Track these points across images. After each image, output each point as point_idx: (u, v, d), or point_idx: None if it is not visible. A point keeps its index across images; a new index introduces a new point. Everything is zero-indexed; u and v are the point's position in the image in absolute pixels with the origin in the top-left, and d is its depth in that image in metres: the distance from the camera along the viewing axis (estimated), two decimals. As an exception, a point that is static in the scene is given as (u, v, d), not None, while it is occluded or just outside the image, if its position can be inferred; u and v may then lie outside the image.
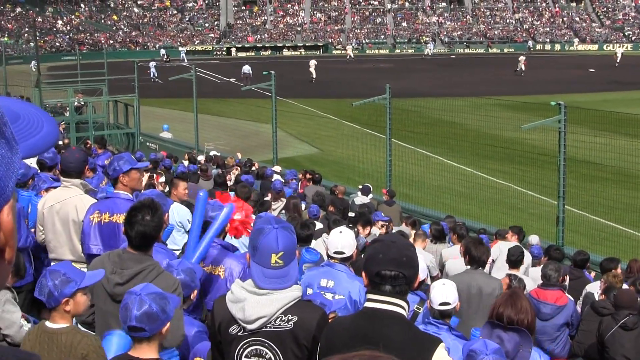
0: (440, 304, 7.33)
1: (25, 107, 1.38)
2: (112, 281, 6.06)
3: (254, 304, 4.62)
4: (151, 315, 4.78)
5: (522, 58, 76.11)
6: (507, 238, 15.08)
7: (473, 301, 9.25)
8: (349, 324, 4.39)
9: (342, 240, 7.59)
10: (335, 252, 7.57)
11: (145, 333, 4.82)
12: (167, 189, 16.05)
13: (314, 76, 68.14)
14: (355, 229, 12.04)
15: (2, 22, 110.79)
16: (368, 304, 4.30)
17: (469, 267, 9.75)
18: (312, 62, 70.58)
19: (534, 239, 16.69)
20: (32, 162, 11.65)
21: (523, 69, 73.73)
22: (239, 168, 23.73)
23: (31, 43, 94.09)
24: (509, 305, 6.39)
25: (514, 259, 11.56)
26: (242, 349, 4.70)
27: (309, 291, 7.32)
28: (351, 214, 14.23)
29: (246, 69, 66.13)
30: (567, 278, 12.46)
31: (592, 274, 14.47)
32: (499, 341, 6.25)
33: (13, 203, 1.22)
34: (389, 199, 20.64)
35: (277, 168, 24.25)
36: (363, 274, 4.37)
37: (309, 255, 8.15)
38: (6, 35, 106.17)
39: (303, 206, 16.34)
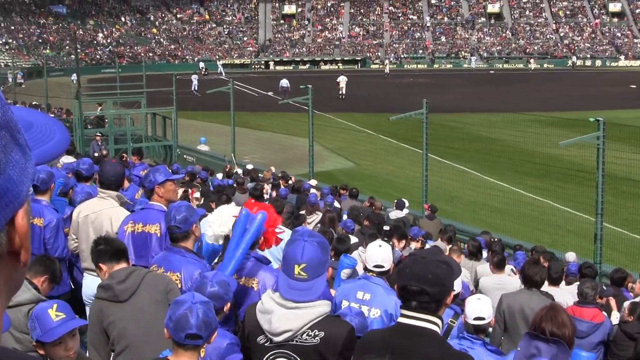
0: (475, 319, 7.28)
1: (38, 116, 1.42)
2: (113, 284, 6.28)
3: (280, 317, 4.61)
4: (208, 323, 4.79)
5: None
6: None
7: (526, 321, 9.18)
8: (381, 339, 4.34)
9: (381, 253, 7.56)
10: (375, 266, 7.53)
11: (200, 341, 4.82)
12: (202, 202, 16.11)
13: (344, 92, 67.26)
14: (391, 243, 11.99)
15: (44, 35, 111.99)
16: (401, 319, 4.25)
17: (522, 286, 9.73)
18: (343, 78, 69.39)
19: (571, 256, 16.56)
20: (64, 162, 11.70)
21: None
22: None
23: (72, 55, 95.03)
24: (549, 318, 6.33)
25: (556, 276, 11.46)
26: (268, 360, 4.69)
27: (345, 303, 7.29)
28: (386, 228, 14.17)
29: (284, 82, 66.13)
30: (614, 301, 12.26)
31: (631, 293, 14.30)
32: (537, 351, 6.18)
33: (27, 207, 1.25)
34: (430, 214, 20.68)
35: (314, 182, 24.24)
36: (395, 287, 4.34)
37: (348, 260, 8.14)
38: (48, 47, 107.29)
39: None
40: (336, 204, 19.75)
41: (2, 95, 1.23)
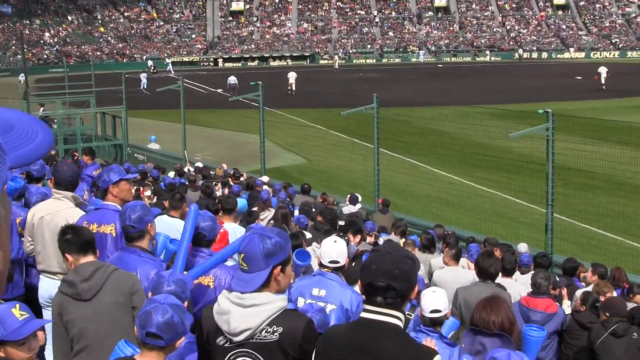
0: (431, 312, 7.31)
1: (20, 117, 1.39)
2: (76, 282, 6.18)
3: (238, 316, 4.59)
4: (171, 326, 4.78)
5: (603, 69, 68.10)
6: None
7: None
8: (345, 334, 4.34)
9: (336, 249, 7.56)
10: (330, 262, 7.53)
11: (161, 342, 4.80)
12: (154, 200, 16.02)
13: (294, 88, 67.21)
14: (346, 237, 12.01)
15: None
16: (364, 314, 4.25)
17: (478, 279, 9.79)
18: (292, 74, 69.30)
19: (522, 246, 16.68)
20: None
21: (603, 82, 66.75)
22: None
23: (19, 55, 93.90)
24: (486, 309, 6.38)
25: (509, 267, 11.56)
26: (229, 361, 4.68)
27: (300, 300, 7.28)
28: (341, 223, 14.19)
29: (232, 79, 65.76)
30: (565, 290, 12.41)
31: (583, 283, 14.45)
32: (481, 347, 6.23)
33: (2, 214, 1.20)
34: (383, 207, 20.76)
35: (265, 178, 24.20)
36: (359, 283, 4.33)
37: (300, 260, 8.14)
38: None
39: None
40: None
41: None
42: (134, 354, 5.02)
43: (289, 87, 66.77)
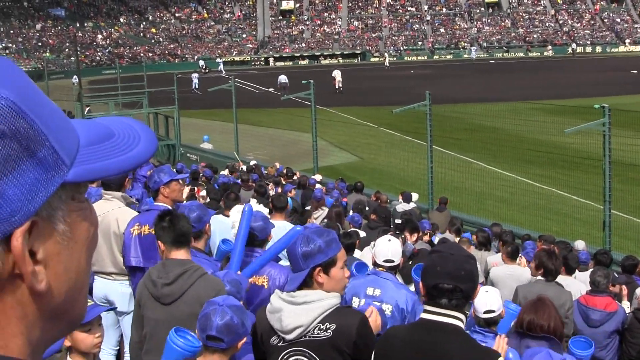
0: (485, 312, 7.20)
1: (125, 124, 1.34)
2: (158, 283, 6.13)
3: (290, 313, 4.60)
4: (231, 327, 4.77)
5: None
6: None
7: None
8: (405, 335, 4.28)
9: (391, 248, 7.50)
10: (385, 261, 7.46)
11: (222, 344, 4.80)
12: (207, 200, 16.03)
13: (341, 86, 66.58)
14: (403, 236, 11.92)
15: (44, 38, 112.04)
16: (425, 315, 4.18)
17: (541, 278, 9.66)
18: (337, 72, 68.52)
19: (580, 244, 16.47)
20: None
21: None
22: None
23: (72, 58, 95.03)
24: (532, 311, 6.27)
25: (573, 266, 11.41)
26: (283, 360, 4.64)
27: (355, 300, 7.22)
28: (398, 221, 14.10)
29: (282, 78, 65.83)
30: (625, 288, 12.17)
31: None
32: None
33: (39, 227, 1.15)
34: (440, 205, 20.69)
35: (318, 177, 24.16)
36: (420, 285, 4.26)
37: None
38: (48, 50, 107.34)
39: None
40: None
41: (34, 103, 1.13)
42: (192, 347, 5.01)
43: (336, 86, 66.34)
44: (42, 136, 1.14)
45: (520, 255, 12.99)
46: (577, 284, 11.18)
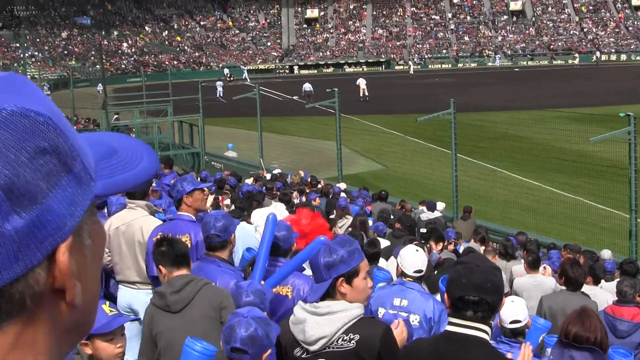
0: (512, 322, 7.17)
1: (125, 142, 1.36)
2: (166, 294, 6.19)
3: (313, 324, 4.58)
4: (256, 339, 4.75)
5: None
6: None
7: None
8: (430, 348, 4.25)
9: (420, 258, 7.49)
10: (415, 271, 7.44)
11: (247, 357, 4.78)
12: (232, 208, 16.04)
13: (367, 94, 66.51)
14: (428, 245, 11.88)
15: (70, 46, 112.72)
16: (449, 328, 4.15)
17: (564, 288, 9.61)
18: (362, 80, 68.44)
19: (606, 253, 16.36)
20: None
21: None
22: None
23: (97, 66, 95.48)
24: (578, 323, 6.22)
25: (600, 276, 11.34)
26: (307, 371, 4.64)
27: (381, 310, 7.20)
28: (423, 230, 14.07)
29: (307, 86, 65.83)
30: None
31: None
32: (570, 360, 6.07)
33: (73, 242, 1.15)
34: (465, 214, 20.63)
35: (342, 185, 24.13)
36: (445, 296, 4.24)
37: (381, 274, 8.03)
38: (73, 58, 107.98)
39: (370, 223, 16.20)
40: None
41: (58, 118, 1.14)
42: (210, 351, 5.02)
43: (361, 94, 66.28)
44: (75, 151, 1.16)
45: (544, 265, 12.93)
46: (603, 293, 11.10)
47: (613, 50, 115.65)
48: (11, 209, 1.07)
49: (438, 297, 7.99)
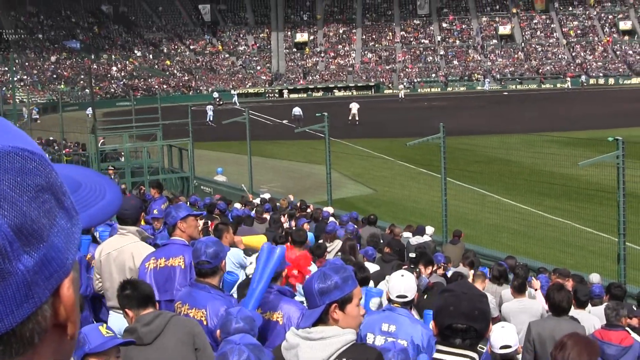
0: (502, 347, 7.19)
1: (87, 175, 1.38)
2: (137, 327, 6.20)
3: (307, 349, 4.59)
4: None
5: None
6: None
7: None
8: None
9: (404, 283, 7.48)
10: (398, 296, 7.45)
11: None
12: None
13: (357, 118, 66.66)
14: (417, 269, 11.90)
15: (59, 70, 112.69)
16: (437, 355, 4.17)
17: (548, 312, 9.63)
18: (354, 105, 68.58)
19: (595, 277, 16.38)
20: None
21: None
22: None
23: (87, 90, 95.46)
24: (567, 348, 6.22)
25: (584, 300, 11.35)
26: (299, 397, 4.65)
27: (370, 336, 7.21)
28: (412, 255, 14.09)
29: (296, 110, 65.88)
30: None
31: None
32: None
33: (74, 276, 1.18)
34: (454, 238, 20.64)
35: (331, 209, 24.13)
36: (432, 323, 4.27)
37: (374, 290, 8.07)
38: (62, 82, 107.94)
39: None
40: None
41: (46, 156, 1.17)
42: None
43: (352, 118, 66.38)
44: (63, 187, 1.18)
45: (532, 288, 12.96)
46: (591, 318, 11.12)
47: (601, 74, 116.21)
48: (21, 248, 1.08)
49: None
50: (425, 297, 10.38)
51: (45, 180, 1.14)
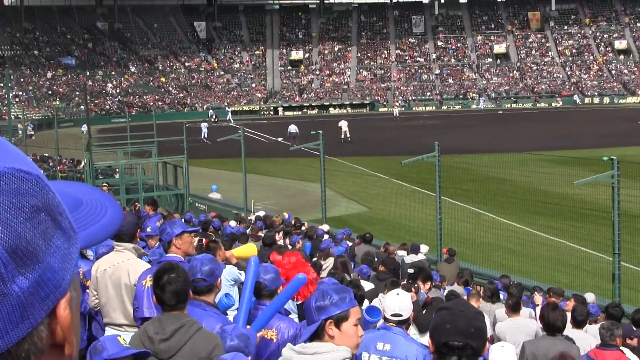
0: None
1: (88, 192, 1.38)
2: (156, 340, 6.09)
3: (301, 364, 4.58)
4: None
5: None
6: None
7: None
8: None
9: (399, 302, 7.46)
10: (392, 315, 7.42)
11: None
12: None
13: (348, 135, 66.54)
14: (416, 285, 11.89)
15: (54, 87, 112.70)
16: (433, 373, 4.18)
17: (544, 333, 9.61)
18: (344, 122, 68.36)
19: (590, 296, 16.36)
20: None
21: None
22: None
23: (82, 106, 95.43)
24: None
25: (581, 319, 11.32)
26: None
27: (365, 355, 7.18)
28: (410, 270, 14.08)
29: (292, 128, 65.95)
30: (636, 341, 12.10)
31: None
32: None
33: (73, 295, 1.18)
34: (449, 257, 20.62)
35: (326, 227, 24.11)
36: (429, 341, 4.27)
37: (369, 317, 8.03)
38: (58, 99, 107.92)
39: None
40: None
41: (43, 176, 1.17)
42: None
43: (344, 136, 66.33)
44: (61, 207, 1.18)
45: (529, 307, 12.94)
46: (587, 337, 11.10)
47: (596, 93, 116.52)
48: (16, 270, 1.08)
49: (424, 340, 7.99)
50: (424, 312, 10.37)
51: (41, 201, 1.13)
